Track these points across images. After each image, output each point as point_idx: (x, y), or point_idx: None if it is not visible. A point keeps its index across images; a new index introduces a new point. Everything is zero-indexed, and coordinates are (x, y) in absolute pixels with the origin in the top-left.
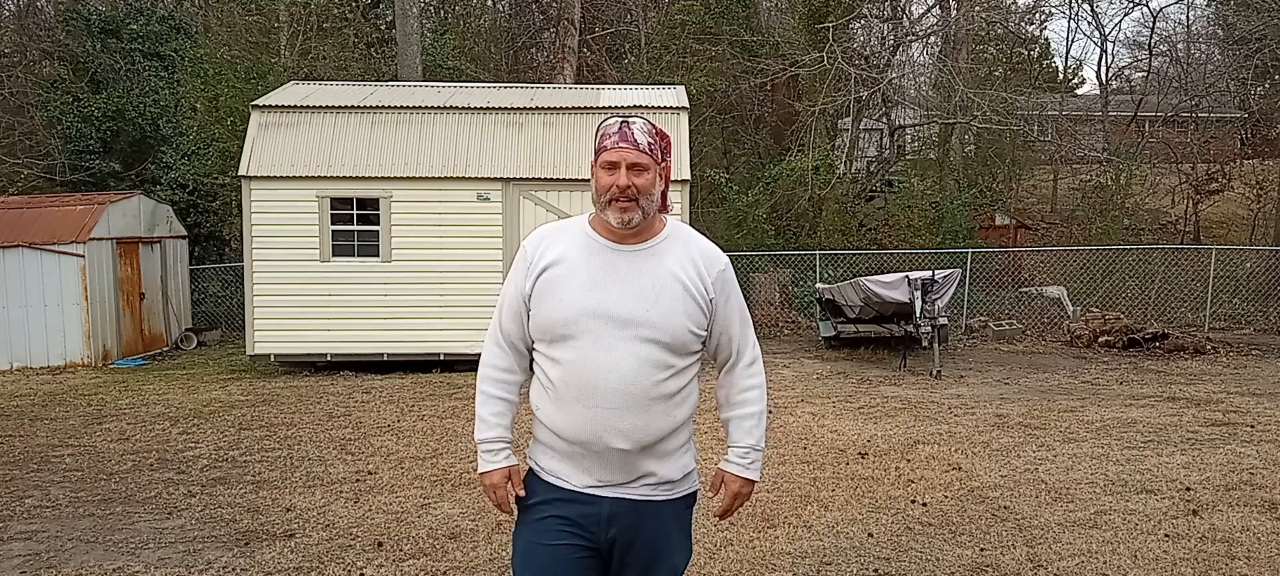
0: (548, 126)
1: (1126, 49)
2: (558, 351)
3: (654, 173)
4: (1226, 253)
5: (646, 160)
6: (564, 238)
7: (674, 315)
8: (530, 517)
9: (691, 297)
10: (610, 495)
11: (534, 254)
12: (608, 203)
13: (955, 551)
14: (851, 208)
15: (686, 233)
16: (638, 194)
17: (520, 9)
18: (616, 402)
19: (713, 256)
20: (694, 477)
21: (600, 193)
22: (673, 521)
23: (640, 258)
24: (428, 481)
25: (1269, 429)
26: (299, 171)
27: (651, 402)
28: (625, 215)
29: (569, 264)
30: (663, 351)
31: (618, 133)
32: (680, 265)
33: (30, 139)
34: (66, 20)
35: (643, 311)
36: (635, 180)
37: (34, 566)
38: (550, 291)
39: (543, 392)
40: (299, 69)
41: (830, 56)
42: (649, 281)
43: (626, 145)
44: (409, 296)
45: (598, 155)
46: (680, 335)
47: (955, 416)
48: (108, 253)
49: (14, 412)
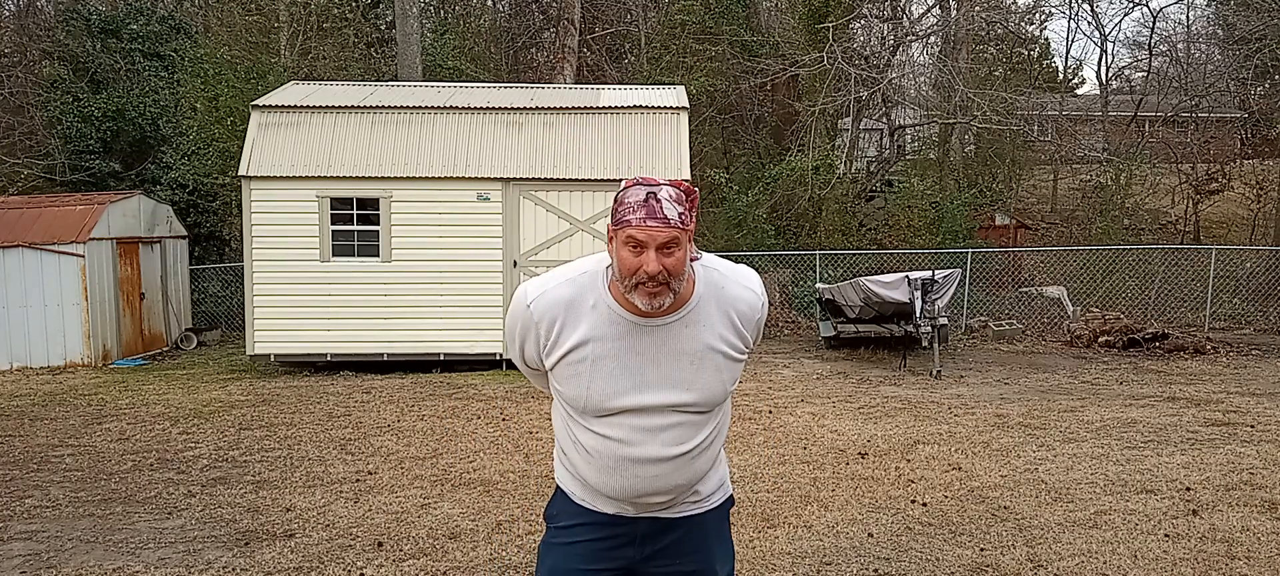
0: (548, 126)
1: (1126, 49)
2: (589, 424)
3: (684, 245)
4: (1226, 253)
5: (678, 234)
6: (583, 313)
7: (714, 386)
8: (560, 538)
9: (732, 361)
10: (646, 515)
11: (549, 330)
12: (634, 286)
13: (955, 551)
14: (851, 208)
15: (718, 281)
16: (669, 277)
17: (520, 9)
18: (654, 472)
19: (750, 304)
20: (728, 485)
21: (624, 273)
22: (713, 530)
23: (673, 332)
24: (428, 481)
25: (1269, 429)
26: (299, 171)
27: (690, 465)
28: (655, 300)
29: (594, 347)
30: (701, 416)
31: (644, 206)
32: (717, 332)
33: (30, 139)
34: (66, 20)
35: (682, 393)
36: (666, 261)
37: (34, 566)
38: (576, 375)
39: (573, 449)
40: (299, 69)
41: (830, 56)
42: (686, 359)
43: (656, 223)
44: (409, 296)
45: (619, 227)
46: (719, 397)
47: (955, 416)
48: (108, 253)
49: (14, 412)
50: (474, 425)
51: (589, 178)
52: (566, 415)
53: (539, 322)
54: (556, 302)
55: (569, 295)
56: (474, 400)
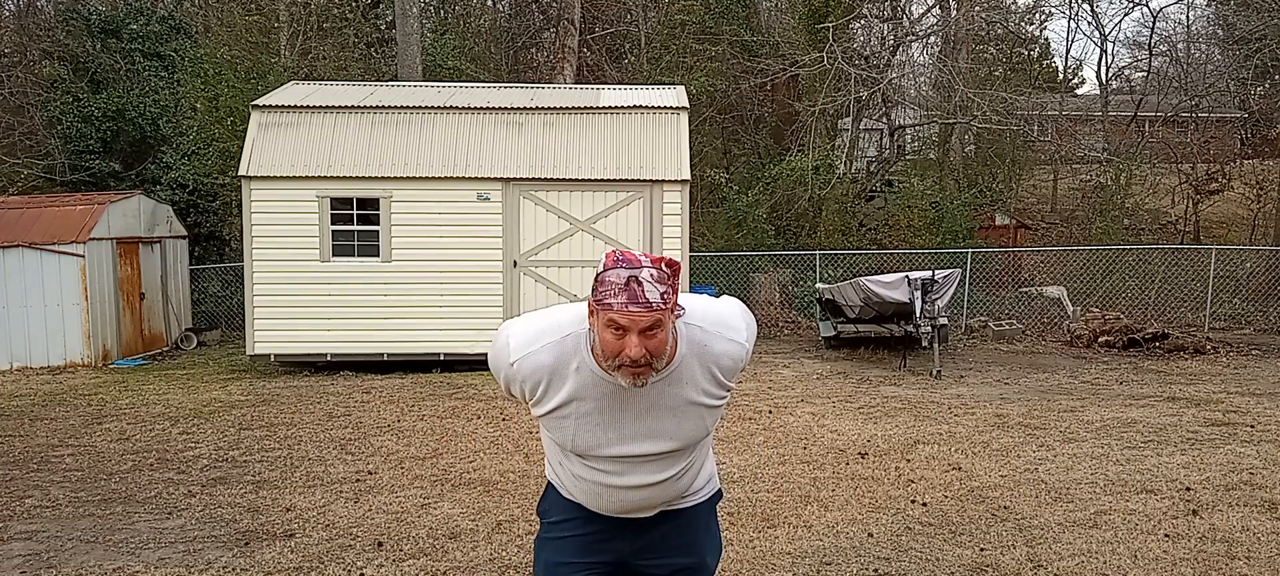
0: (548, 126)
1: (1126, 49)
2: (572, 464)
3: (667, 325)
4: (1226, 253)
5: (661, 316)
6: (567, 376)
7: (695, 432)
8: (553, 532)
9: (713, 409)
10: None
11: (532, 389)
12: (617, 367)
13: (955, 551)
14: (851, 208)
15: (702, 338)
16: (651, 359)
17: (520, 9)
18: (641, 497)
19: (734, 357)
20: (716, 480)
21: (607, 354)
22: (701, 522)
23: (656, 390)
24: (428, 481)
25: (1269, 429)
26: (299, 171)
27: (676, 481)
28: (637, 381)
29: (579, 405)
30: (684, 455)
31: (624, 291)
32: (700, 387)
33: (30, 139)
34: (66, 20)
35: (663, 442)
36: (648, 344)
37: (34, 566)
38: (560, 427)
39: (559, 467)
40: (299, 69)
41: (830, 56)
42: (668, 413)
43: (638, 309)
44: (409, 296)
45: (600, 308)
46: (701, 437)
47: (955, 416)
48: (108, 253)
49: (14, 412)
50: (474, 425)
51: (589, 178)
52: (557, 447)
53: (523, 382)
54: (539, 367)
55: (552, 361)
56: (474, 400)
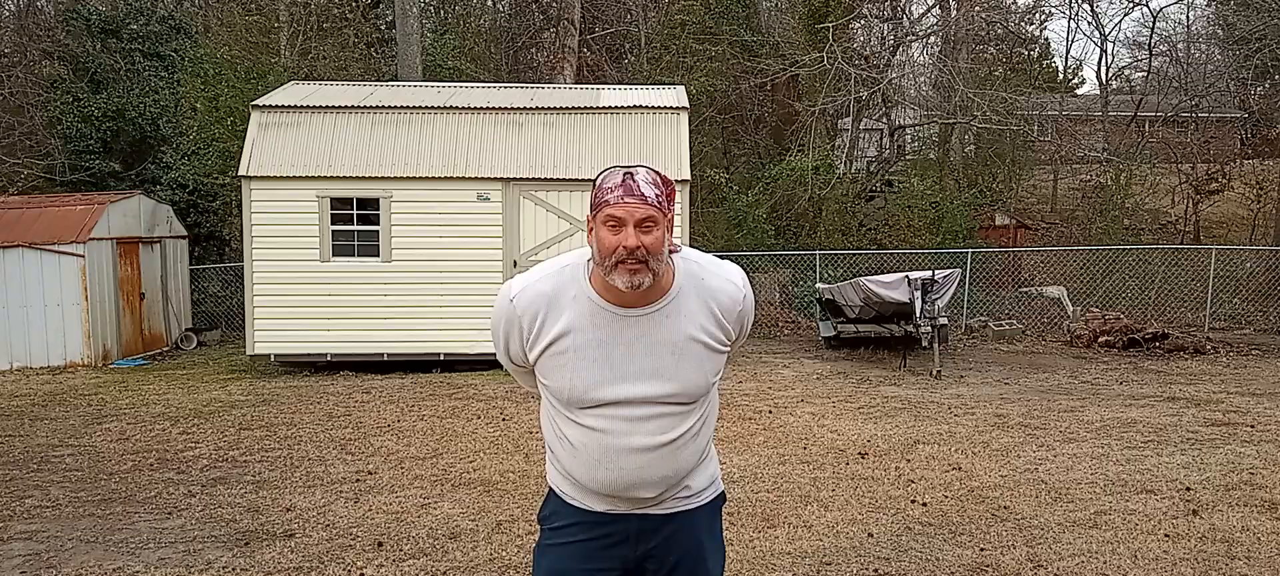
0: (548, 126)
1: (1126, 49)
2: (574, 416)
3: (662, 228)
4: (1226, 253)
5: (655, 213)
6: (565, 305)
7: (696, 376)
8: (554, 539)
9: (714, 353)
10: (638, 513)
11: (531, 323)
12: (614, 265)
13: (955, 551)
14: (851, 208)
15: (698, 272)
16: (647, 255)
17: (520, 9)
18: (641, 462)
19: (731, 295)
20: (719, 481)
21: (604, 254)
22: (704, 527)
23: (654, 322)
24: (428, 481)
25: (1269, 429)
26: (299, 171)
27: (677, 455)
28: (635, 277)
29: (575, 337)
30: (685, 407)
31: (621, 186)
32: (698, 323)
33: (30, 139)
34: (66, 20)
35: (663, 385)
36: (644, 238)
37: (34, 566)
38: (559, 367)
39: (559, 443)
40: (299, 69)
41: (830, 56)
42: (666, 350)
43: (633, 200)
44: (409, 296)
45: (597, 210)
46: (702, 389)
47: (955, 416)
48: (108, 253)
49: (14, 412)
50: (474, 425)
51: (589, 178)
52: (552, 411)
53: (521, 316)
54: (538, 296)
55: (550, 289)
56: (474, 400)
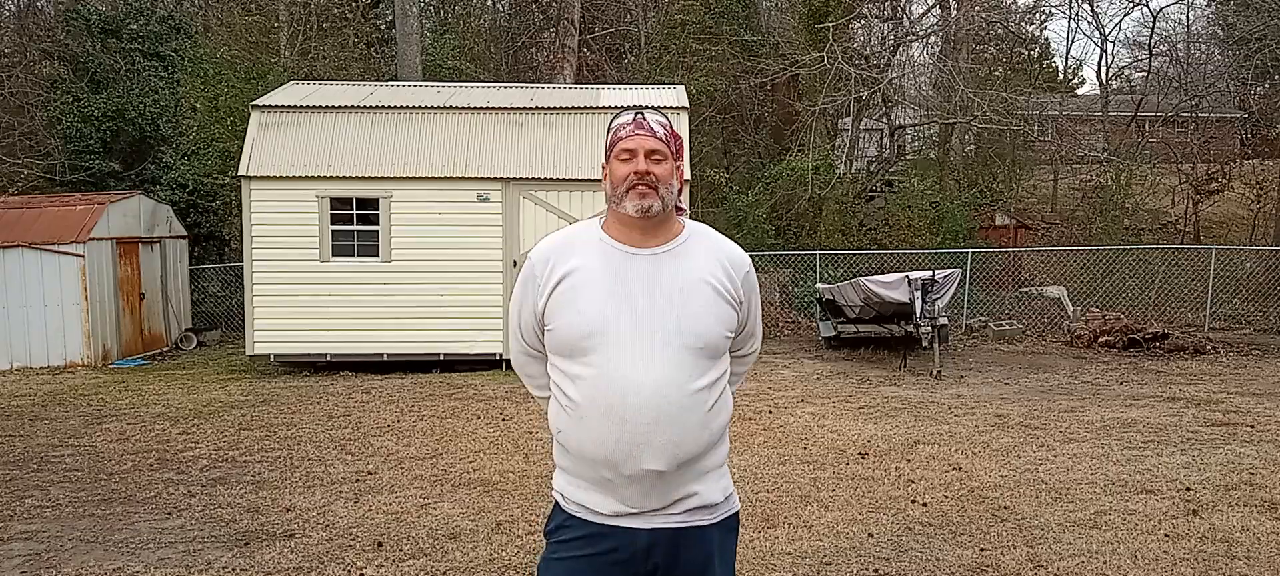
0: (548, 126)
1: (1126, 49)
2: (579, 366)
3: (671, 164)
4: (1226, 253)
5: (664, 149)
6: (576, 246)
7: (705, 318)
8: (559, 554)
9: (723, 299)
10: (646, 526)
11: (544, 270)
12: (626, 190)
13: (955, 551)
14: (851, 208)
15: (707, 232)
16: (657, 182)
17: (520, 9)
18: (648, 416)
19: (739, 258)
20: (734, 499)
21: (616, 183)
22: (717, 549)
23: (663, 260)
24: (428, 481)
25: (1269, 429)
26: (299, 171)
27: (686, 412)
28: (644, 201)
29: (586, 272)
30: (694, 355)
31: (633, 122)
32: (707, 267)
33: (30, 139)
34: (66, 20)
35: (671, 317)
36: (654, 167)
37: (34, 566)
38: (568, 303)
39: (564, 413)
40: (299, 69)
41: (830, 56)
42: (675, 286)
43: (643, 132)
44: (409, 296)
45: (612, 149)
46: (712, 338)
47: (955, 416)
48: (108, 252)
49: (14, 412)
50: (474, 425)
51: (589, 178)
52: (558, 376)
53: (536, 265)
54: (552, 246)
55: (563, 239)
56: (474, 400)
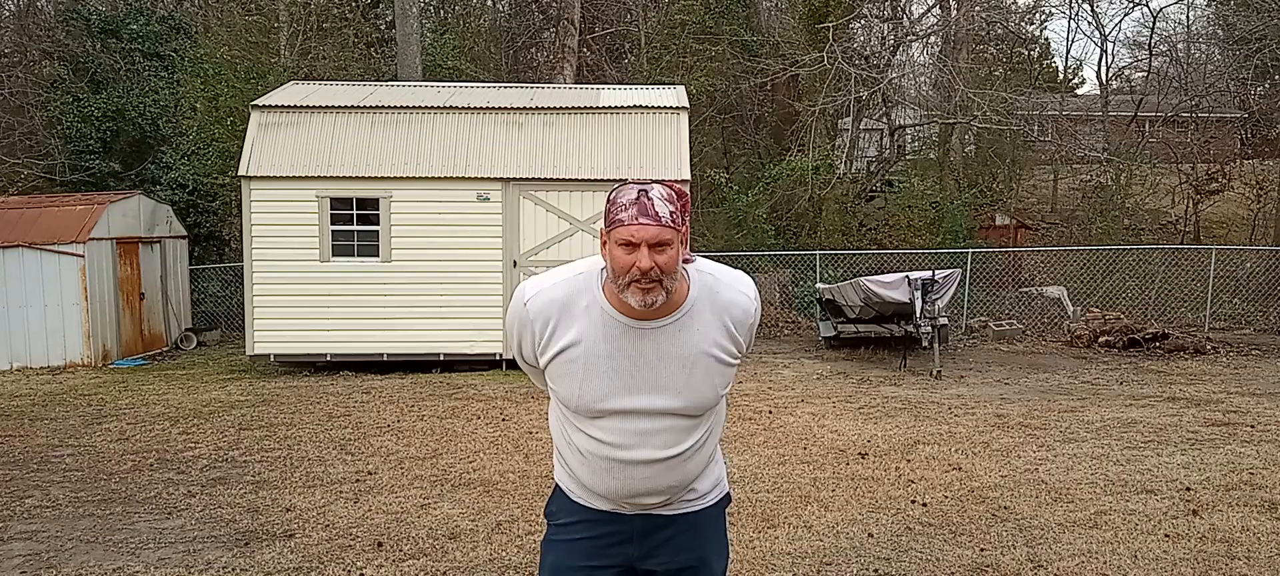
0: (548, 126)
1: (1126, 49)
2: (581, 425)
3: (676, 247)
4: (1226, 253)
5: (669, 234)
6: (577, 314)
7: (706, 390)
8: (560, 536)
9: (725, 366)
10: (642, 514)
11: (543, 328)
12: (628, 284)
13: (955, 551)
14: (851, 208)
15: (712, 285)
16: (661, 274)
17: (520, 9)
18: (648, 473)
19: (743, 308)
20: (725, 482)
21: (618, 272)
22: (708, 527)
23: (666, 335)
24: (428, 481)
25: (1269, 429)
26: (299, 171)
27: (683, 463)
28: (649, 297)
29: (586, 347)
30: (693, 420)
31: (635, 206)
32: (711, 335)
33: (30, 139)
34: (66, 20)
35: (673, 398)
36: (658, 259)
37: (34, 566)
38: (567, 375)
39: (567, 449)
40: (299, 69)
41: (830, 56)
42: (678, 364)
43: (647, 221)
44: (409, 296)
45: (610, 227)
46: (711, 402)
47: (955, 416)
48: (108, 252)
49: (14, 412)
50: (474, 425)
51: (589, 178)
52: (561, 416)
53: (534, 321)
54: (551, 302)
55: (564, 295)
56: (474, 400)
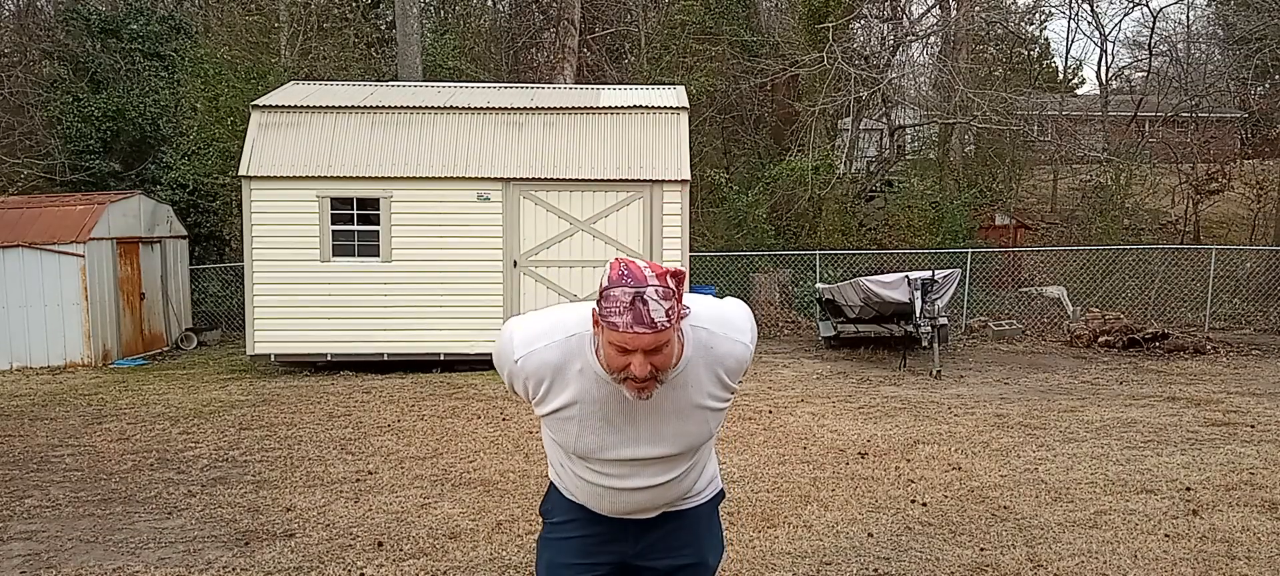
0: (548, 126)
1: (1126, 49)
2: (576, 465)
3: (674, 340)
4: (1226, 253)
5: (666, 336)
6: (570, 378)
7: (699, 434)
8: (556, 533)
9: (717, 412)
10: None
11: (537, 386)
12: (621, 382)
13: (955, 551)
14: (851, 208)
15: (707, 340)
16: (656, 373)
17: (520, 9)
18: (640, 500)
19: (739, 358)
20: (718, 480)
21: (610, 370)
22: (702, 523)
23: (660, 393)
24: (428, 481)
25: (1269, 429)
26: (299, 171)
27: (678, 483)
28: (643, 395)
29: (582, 408)
30: (688, 457)
31: (630, 312)
32: (705, 390)
33: (30, 139)
34: (66, 20)
35: (668, 446)
36: (654, 360)
37: (34, 566)
38: (562, 428)
39: (562, 469)
40: (299, 69)
41: (830, 56)
42: (672, 416)
43: (643, 329)
44: (409, 296)
45: (605, 323)
46: (705, 440)
47: (955, 416)
48: (108, 253)
49: (14, 412)
50: (474, 425)
51: (589, 178)
52: (556, 444)
53: (526, 379)
54: (543, 365)
55: (557, 359)
56: (474, 400)
